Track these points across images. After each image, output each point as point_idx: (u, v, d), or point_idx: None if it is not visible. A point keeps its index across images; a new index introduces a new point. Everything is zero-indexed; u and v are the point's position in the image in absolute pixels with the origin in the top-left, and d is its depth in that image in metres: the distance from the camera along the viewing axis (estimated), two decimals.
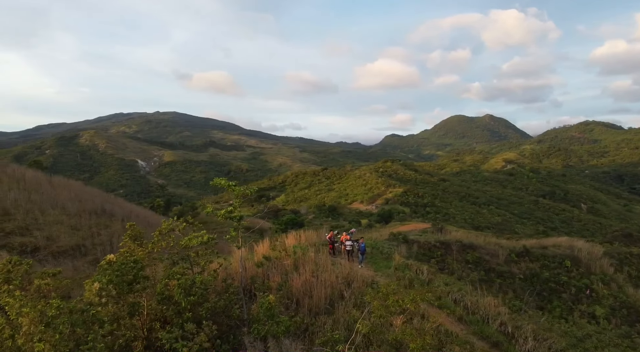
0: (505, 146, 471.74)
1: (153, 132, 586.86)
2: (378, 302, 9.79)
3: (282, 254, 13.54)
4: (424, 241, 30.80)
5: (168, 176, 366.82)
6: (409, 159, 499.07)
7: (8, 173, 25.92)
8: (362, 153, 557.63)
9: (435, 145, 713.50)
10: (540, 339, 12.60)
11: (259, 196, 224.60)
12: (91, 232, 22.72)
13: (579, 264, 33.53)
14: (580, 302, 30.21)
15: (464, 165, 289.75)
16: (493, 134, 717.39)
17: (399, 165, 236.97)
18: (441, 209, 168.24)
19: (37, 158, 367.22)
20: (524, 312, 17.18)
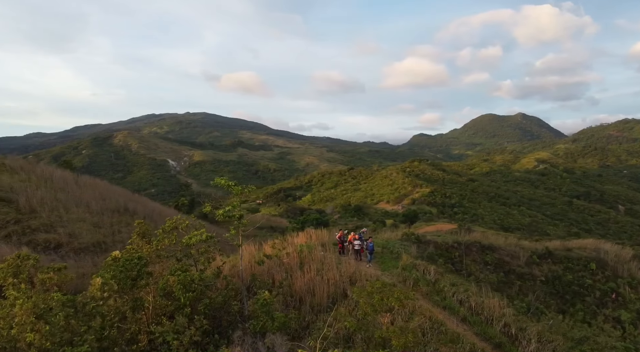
0: (538, 145, 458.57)
1: (183, 132, 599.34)
2: (364, 300, 9.86)
3: (282, 252, 13.71)
4: (441, 242, 30.44)
5: (197, 176, 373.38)
6: (438, 159, 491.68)
7: (37, 173, 27.16)
8: (389, 153, 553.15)
9: (464, 145, 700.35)
10: (545, 342, 12.38)
11: (285, 196, 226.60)
12: (112, 230, 23.59)
13: (604, 267, 32.41)
14: (605, 306, 29.25)
15: (494, 165, 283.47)
16: (525, 133, 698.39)
17: (426, 165, 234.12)
18: (469, 209, 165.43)
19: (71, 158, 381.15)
20: (533, 314, 16.78)
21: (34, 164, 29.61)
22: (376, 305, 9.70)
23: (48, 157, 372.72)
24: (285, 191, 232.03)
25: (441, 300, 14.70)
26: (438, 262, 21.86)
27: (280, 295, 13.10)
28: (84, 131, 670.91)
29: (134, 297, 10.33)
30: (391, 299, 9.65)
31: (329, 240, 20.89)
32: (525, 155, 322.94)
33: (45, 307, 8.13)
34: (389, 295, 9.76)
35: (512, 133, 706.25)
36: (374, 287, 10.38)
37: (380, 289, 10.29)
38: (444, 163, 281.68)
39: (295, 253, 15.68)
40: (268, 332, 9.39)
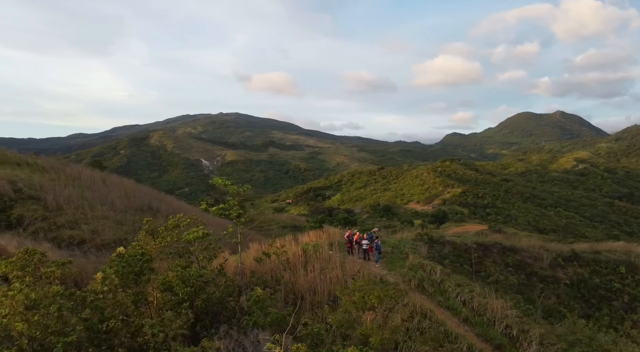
0: (577, 144, 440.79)
1: (217, 132, 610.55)
2: (346, 297, 9.99)
3: (281, 251, 13.99)
4: (460, 242, 30.01)
5: (230, 175, 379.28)
6: (471, 158, 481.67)
7: (67, 172, 28.56)
8: (421, 152, 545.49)
9: (499, 144, 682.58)
10: (547, 344, 12.18)
11: (315, 195, 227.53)
12: (134, 227, 24.54)
13: (635, 271, 31.11)
14: (634, 311, 28.12)
15: (529, 165, 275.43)
16: (564, 132, 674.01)
17: (458, 164, 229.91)
18: (502, 210, 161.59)
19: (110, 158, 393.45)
20: (544, 317, 16.39)
21: (64, 163, 31.16)
22: (358, 303, 9.83)
23: (89, 157, 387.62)
24: (314, 191, 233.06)
25: (444, 300, 14.62)
26: (445, 262, 21.62)
27: (281, 292, 13.42)
28: (123, 132, 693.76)
29: (136, 291, 10.85)
30: (371, 297, 9.75)
31: (340, 239, 21.04)
32: (563, 155, 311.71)
33: (36, 298, 8.70)
34: (370, 293, 9.87)
35: (550, 132, 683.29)
36: (356, 285, 10.49)
37: (362, 287, 10.40)
38: (477, 163, 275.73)
39: (300, 252, 15.97)
40: (254, 328, 9.67)
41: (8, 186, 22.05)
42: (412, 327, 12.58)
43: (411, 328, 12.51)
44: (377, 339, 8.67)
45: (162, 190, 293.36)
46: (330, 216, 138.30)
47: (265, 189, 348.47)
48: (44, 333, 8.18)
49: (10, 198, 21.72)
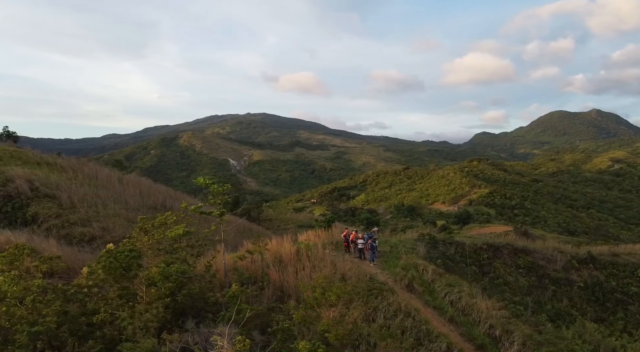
0: (614, 144, 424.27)
1: (244, 132, 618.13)
2: (308, 293, 10.20)
3: (263, 249, 14.29)
4: (470, 243, 29.68)
5: (256, 175, 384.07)
6: (501, 158, 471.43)
7: (84, 172, 29.76)
8: (449, 152, 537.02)
9: (531, 144, 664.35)
10: (530, 345, 12.12)
11: (339, 195, 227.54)
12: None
13: None
14: None
15: (562, 165, 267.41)
16: (600, 131, 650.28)
17: (486, 164, 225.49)
18: (531, 211, 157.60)
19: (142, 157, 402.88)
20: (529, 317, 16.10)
21: (82, 163, 32.46)
22: (319, 299, 10.04)
23: (121, 157, 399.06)
24: (339, 191, 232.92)
25: (432, 300, 14.63)
26: (448, 263, 21.45)
27: (269, 290, 13.79)
28: (154, 132, 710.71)
29: (122, 286, 11.40)
30: (330, 294, 9.96)
31: (339, 239, 21.20)
32: (598, 155, 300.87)
33: (6, 290, 9.31)
34: (329, 290, 10.06)
35: (585, 131, 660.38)
36: (317, 281, 10.68)
37: (321, 283, 10.57)
38: (506, 163, 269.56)
39: (292, 251, 16.29)
40: (229, 323, 10.02)
41: (25, 184, 23.30)
42: (394, 325, 12.73)
43: (393, 326, 12.67)
44: (332, 335, 8.88)
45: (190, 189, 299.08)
46: (353, 216, 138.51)
47: (291, 188, 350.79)
48: (12, 323, 8.76)
49: (27, 196, 22.96)
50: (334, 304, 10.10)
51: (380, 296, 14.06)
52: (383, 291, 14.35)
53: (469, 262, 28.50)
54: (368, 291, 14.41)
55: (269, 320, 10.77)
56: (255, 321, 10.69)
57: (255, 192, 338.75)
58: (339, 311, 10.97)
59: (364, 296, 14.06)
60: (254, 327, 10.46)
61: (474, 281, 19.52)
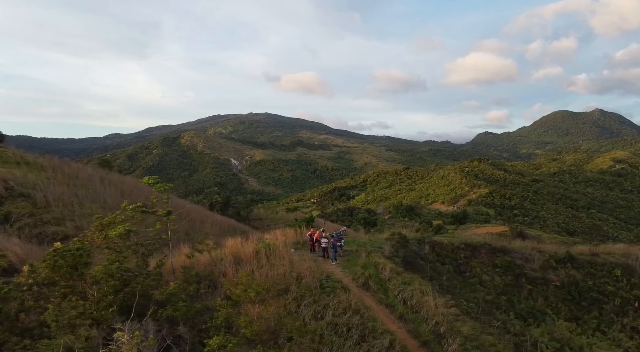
0: (617, 144, 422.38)
1: (246, 132, 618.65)
2: (229, 290, 10.41)
3: (208, 248, 14.47)
4: (447, 243, 29.93)
5: (258, 175, 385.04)
6: (503, 158, 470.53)
7: (65, 171, 30.04)
8: (451, 152, 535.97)
9: (533, 144, 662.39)
10: (472, 341, 12.35)
11: (339, 195, 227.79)
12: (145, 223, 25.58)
13: (632, 274, 30.07)
14: (625, 315, 27.31)
15: (563, 165, 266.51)
16: (603, 131, 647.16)
17: (486, 164, 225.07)
18: (530, 211, 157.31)
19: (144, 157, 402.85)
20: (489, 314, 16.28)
21: (64, 163, 32.72)
22: (240, 295, 10.28)
23: (123, 156, 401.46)
24: (339, 190, 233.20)
25: (385, 298, 14.88)
26: (418, 262, 21.64)
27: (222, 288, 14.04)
28: (156, 132, 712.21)
29: (66, 285, 11.61)
30: (250, 291, 10.19)
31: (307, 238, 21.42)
32: (600, 155, 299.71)
33: None
34: (249, 286, 10.29)
35: (588, 131, 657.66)
36: (241, 279, 10.88)
37: (244, 281, 10.77)
38: (507, 163, 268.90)
39: (251, 250, 16.52)
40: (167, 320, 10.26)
41: (0, 183, 23.64)
42: (341, 322, 12.96)
43: (340, 323, 12.92)
44: (248, 331, 9.12)
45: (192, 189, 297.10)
46: (351, 216, 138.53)
47: (292, 188, 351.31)
48: None
49: (1, 196, 23.29)
50: (253, 300, 10.31)
51: (332, 293, 14.29)
52: (336, 289, 14.57)
53: (446, 262, 28.72)
54: (321, 289, 14.64)
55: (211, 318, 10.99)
56: (198, 318, 10.93)
57: (256, 191, 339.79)
58: (264, 307, 11.27)
59: (316, 293, 14.30)
60: (194, 324, 10.70)
61: (434, 279, 19.70)
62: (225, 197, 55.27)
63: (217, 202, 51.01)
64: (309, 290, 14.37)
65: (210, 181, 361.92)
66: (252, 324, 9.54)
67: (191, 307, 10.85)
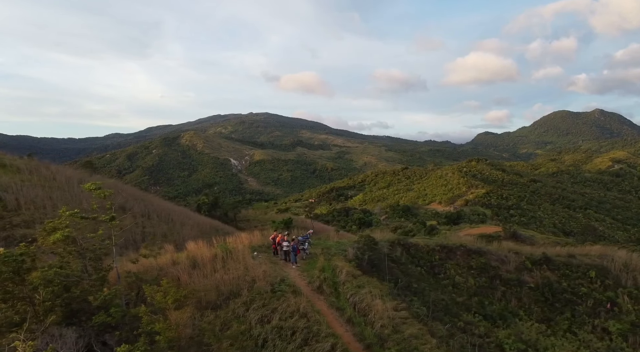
0: (617, 144, 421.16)
1: (246, 132, 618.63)
2: (150, 296, 10.55)
3: (154, 253, 14.63)
4: (423, 244, 30.09)
5: (257, 174, 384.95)
6: (503, 158, 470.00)
7: (42, 173, 30.27)
8: (451, 152, 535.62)
9: (534, 144, 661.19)
10: (418, 344, 12.53)
11: (337, 195, 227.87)
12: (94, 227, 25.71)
13: (606, 276, 30.21)
14: (597, 316, 27.45)
15: (562, 165, 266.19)
16: (603, 131, 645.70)
17: (484, 165, 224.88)
18: (527, 211, 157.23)
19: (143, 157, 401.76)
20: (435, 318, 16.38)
21: (41, 165, 32.89)
22: (160, 301, 10.42)
23: (123, 156, 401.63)
24: (337, 191, 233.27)
25: (337, 301, 15.03)
26: (390, 265, 21.76)
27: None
28: (157, 132, 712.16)
29: (5, 290, 11.71)
30: (168, 297, 10.35)
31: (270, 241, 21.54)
32: (599, 155, 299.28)
33: None
34: (167, 293, 10.45)
35: (588, 131, 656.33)
36: (163, 286, 11.00)
37: (165, 288, 10.87)
38: (506, 163, 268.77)
39: (208, 254, 16.67)
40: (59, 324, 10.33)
41: None
42: (287, 326, 13.15)
43: (285, 327, 13.10)
44: (162, 337, 9.28)
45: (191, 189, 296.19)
46: (347, 216, 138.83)
47: (292, 188, 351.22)
48: None
49: None
50: (169, 307, 10.42)
51: (283, 297, 14.47)
52: (287, 293, 14.74)
53: (421, 263, 28.88)
54: (272, 292, 14.81)
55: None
56: (136, 323, 11.07)
57: (255, 191, 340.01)
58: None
59: (266, 297, 14.49)
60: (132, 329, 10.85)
61: (396, 282, 19.81)
62: (213, 199, 55.46)
63: (204, 203, 51.20)
64: (260, 294, 14.54)
65: (210, 180, 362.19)
66: (167, 331, 9.67)
67: (126, 313, 10.99)
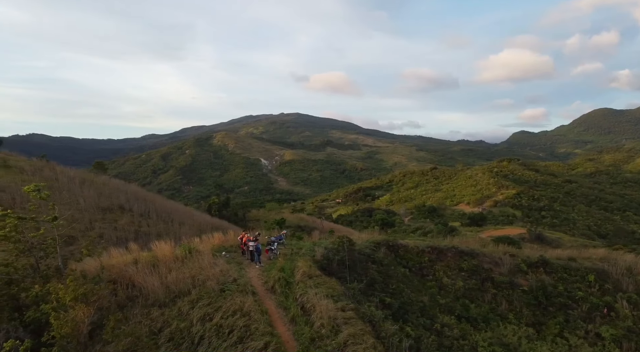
0: None
1: (277, 132, 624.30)
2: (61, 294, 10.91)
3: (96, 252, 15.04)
4: (412, 246, 29.82)
5: (287, 174, 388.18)
6: (539, 158, 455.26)
7: (45, 174, 31.85)
8: (484, 151, 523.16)
9: (572, 143, 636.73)
10: (351, 344, 12.64)
11: (364, 195, 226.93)
12: (87, 226, 27.04)
13: (605, 280, 28.96)
14: (592, 321, 26.43)
15: (600, 165, 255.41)
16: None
17: (516, 165, 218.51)
18: (560, 213, 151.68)
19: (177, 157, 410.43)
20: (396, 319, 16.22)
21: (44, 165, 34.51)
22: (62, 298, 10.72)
23: (157, 157, 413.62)
24: (364, 191, 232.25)
25: (285, 301, 15.21)
26: (369, 266, 21.71)
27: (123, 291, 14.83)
28: (190, 132, 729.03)
29: None
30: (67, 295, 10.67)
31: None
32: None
33: None
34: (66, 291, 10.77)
35: (632, 129, 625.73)
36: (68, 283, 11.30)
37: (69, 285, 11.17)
38: (540, 163, 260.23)
39: (170, 254, 17.17)
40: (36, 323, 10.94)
41: None
42: (226, 324, 13.52)
43: (224, 325, 13.48)
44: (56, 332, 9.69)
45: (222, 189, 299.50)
46: (370, 217, 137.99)
47: (321, 188, 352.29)
48: None
49: None
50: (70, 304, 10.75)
51: (230, 296, 14.82)
52: (235, 292, 15.08)
53: (409, 265, 28.65)
54: (221, 292, 15.18)
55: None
56: None
57: (285, 191, 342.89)
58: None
59: (213, 296, 14.88)
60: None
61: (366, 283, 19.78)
62: (224, 199, 56.68)
63: (214, 203, 52.41)
64: (208, 293, 14.95)
65: (240, 180, 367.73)
66: (63, 327, 10.10)
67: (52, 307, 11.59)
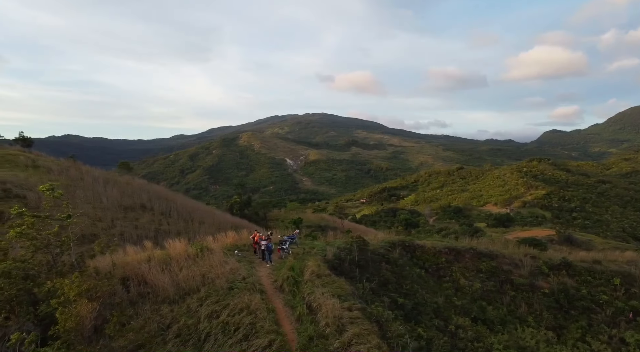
0: None
1: (302, 132, 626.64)
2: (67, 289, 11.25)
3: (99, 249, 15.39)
4: (429, 246, 29.48)
5: (312, 174, 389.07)
6: (572, 157, 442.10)
7: (71, 174, 33.03)
8: (514, 151, 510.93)
9: (607, 142, 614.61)
10: (354, 344, 12.66)
11: (389, 195, 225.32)
12: (109, 224, 27.92)
13: (632, 283, 27.90)
14: (616, 326, 25.53)
15: (637, 165, 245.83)
16: None
17: (547, 164, 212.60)
18: (592, 214, 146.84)
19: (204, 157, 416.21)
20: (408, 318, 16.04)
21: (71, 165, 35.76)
22: (67, 293, 11.05)
23: (185, 157, 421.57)
24: (389, 191, 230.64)
25: (292, 299, 15.30)
26: (381, 266, 21.56)
27: (134, 287, 15.25)
28: (217, 133, 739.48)
29: None
30: (71, 291, 11.00)
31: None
32: None
33: None
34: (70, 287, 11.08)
35: None
36: (73, 279, 11.64)
37: (74, 281, 11.50)
38: (571, 163, 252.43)
39: (183, 252, 17.51)
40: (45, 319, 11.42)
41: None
42: (232, 321, 13.75)
43: (231, 322, 13.72)
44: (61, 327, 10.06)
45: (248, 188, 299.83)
46: (394, 217, 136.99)
47: (346, 188, 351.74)
48: None
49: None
50: (74, 299, 11.09)
51: (238, 295, 15.03)
52: (243, 290, 15.27)
53: (426, 266, 28.35)
54: (229, 290, 15.41)
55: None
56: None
57: (310, 191, 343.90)
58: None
59: (222, 294, 15.14)
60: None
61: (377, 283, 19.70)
62: (246, 199, 57.37)
63: (235, 202, 53.14)
64: (216, 291, 15.22)
65: (266, 180, 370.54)
66: (67, 321, 10.47)
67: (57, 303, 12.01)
